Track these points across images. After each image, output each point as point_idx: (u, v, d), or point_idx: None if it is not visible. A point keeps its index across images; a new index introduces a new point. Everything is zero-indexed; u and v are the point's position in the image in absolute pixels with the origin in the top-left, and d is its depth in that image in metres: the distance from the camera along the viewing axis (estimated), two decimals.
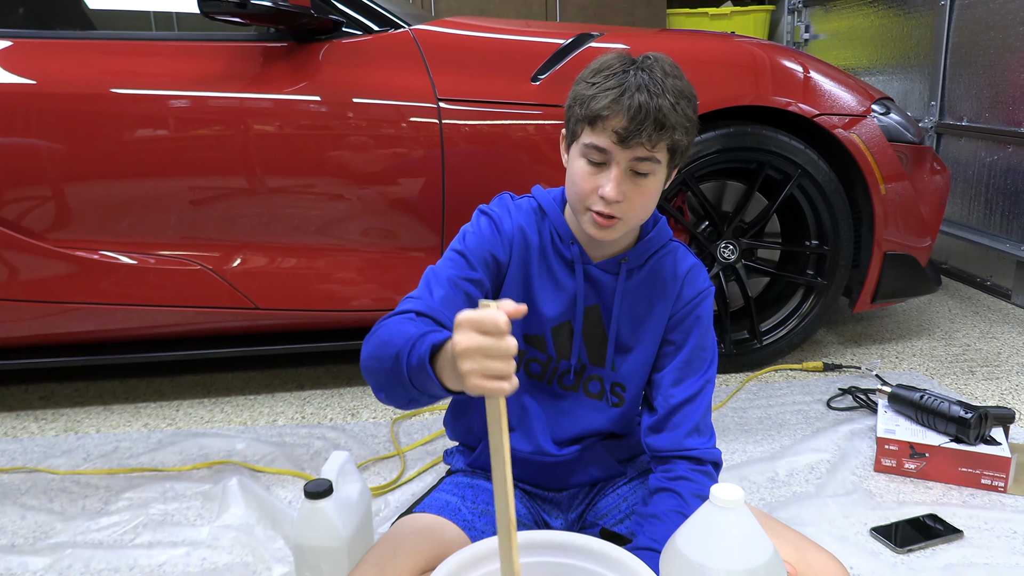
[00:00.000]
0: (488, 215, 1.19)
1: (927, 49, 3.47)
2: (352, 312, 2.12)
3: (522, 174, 2.05)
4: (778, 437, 1.96)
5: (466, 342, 0.79)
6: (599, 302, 1.20)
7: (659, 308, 1.21)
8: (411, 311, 1.05)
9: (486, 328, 0.78)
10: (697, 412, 1.20)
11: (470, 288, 1.13)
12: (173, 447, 1.92)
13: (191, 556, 1.50)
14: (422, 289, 1.12)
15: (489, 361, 0.79)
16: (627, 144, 1.04)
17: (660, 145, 1.05)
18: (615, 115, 1.04)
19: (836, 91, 2.25)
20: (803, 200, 2.30)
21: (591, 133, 1.07)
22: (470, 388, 0.80)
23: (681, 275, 1.22)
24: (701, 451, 1.19)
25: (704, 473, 1.18)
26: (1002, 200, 3.08)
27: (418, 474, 1.80)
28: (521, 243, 1.18)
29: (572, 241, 1.18)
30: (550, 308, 1.19)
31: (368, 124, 2.00)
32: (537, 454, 1.24)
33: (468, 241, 1.17)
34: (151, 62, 1.98)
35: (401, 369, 0.92)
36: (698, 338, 1.21)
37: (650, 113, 1.02)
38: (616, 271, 1.19)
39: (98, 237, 2.00)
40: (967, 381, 2.30)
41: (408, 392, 0.94)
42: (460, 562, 0.94)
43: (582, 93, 1.08)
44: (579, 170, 1.09)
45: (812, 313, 2.39)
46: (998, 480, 1.70)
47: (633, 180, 1.07)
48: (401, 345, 0.93)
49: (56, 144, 1.92)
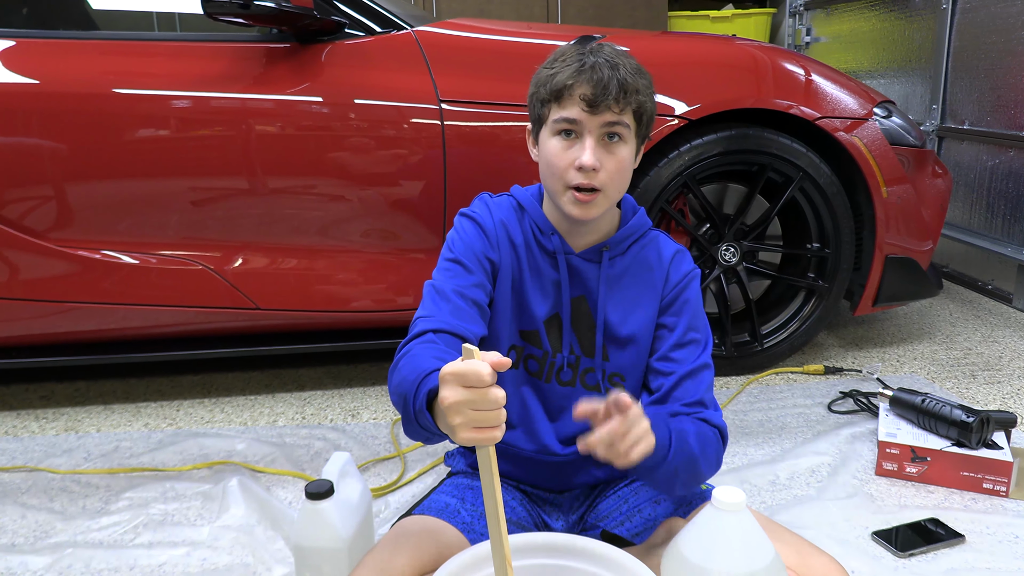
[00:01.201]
0: (470, 217, 1.22)
1: (928, 53, 3.48)
2: (353, 313, 2.12)
3: (523, 175, 2.05)
4: (779, 440, 1.96)
5: (453, 396, 0.80)
6: (584, 292, 1.21)
7: (647, 294, 1.22)
8: (428, 331, 1.06)
9: (470, 382, 0.80)
10: (699, 387, 1.18)
11: (474, 293, 1.14)
12: (173, 447, 1.92)
13: (191, 556, 1.50)
14: (429, 306, 1.12)
15: (477, 413, 0.80)
16: (596, 109, 1.08)
17: (627, 109, 1.10)
18: (580, 84, 1.08)
19: (838, 94, 2.25)
20: (804, 203, 2.30)
21: (559, 108, 1.10)
22: (461, 441, 0.82)
23: (666, 260, 1.23)
24: (707, 414, 1.16)
25: (709, 427, 1.15)
26: (1003, 204, 3.08)
27: (418, 475, 1.80)
28: (507, 240, 1.20)
29: (552, 232, 1.20)
30: (540, 302, 1.21)
31: (370, 125, 2.00)
32: (541, 453, 1.24)
33: (457, 247, 1.18)
34: (154, 62, 1.98)
35: (409, 410, 0.93)
36: (689, 319, 1.22)
37: (613, 78, 1.07)
38: (598, 259, 1.20)
39: (100, 237, 2.00)
40: (968, 385, 2.30)
41: (420, 431, 0.95)
42: (459, 565, 0.94)
43: (543, 75, 1.13)
44: (552, 149, 1.12)
45: (813, 316, 2.39)
46: (1000, 484, 1.70)
47: (606, 148, 1.11)
48: (408, 389, 0.94)
49: (59, 144, 1.92)
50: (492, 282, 1.19)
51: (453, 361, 0.82)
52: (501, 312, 1.20)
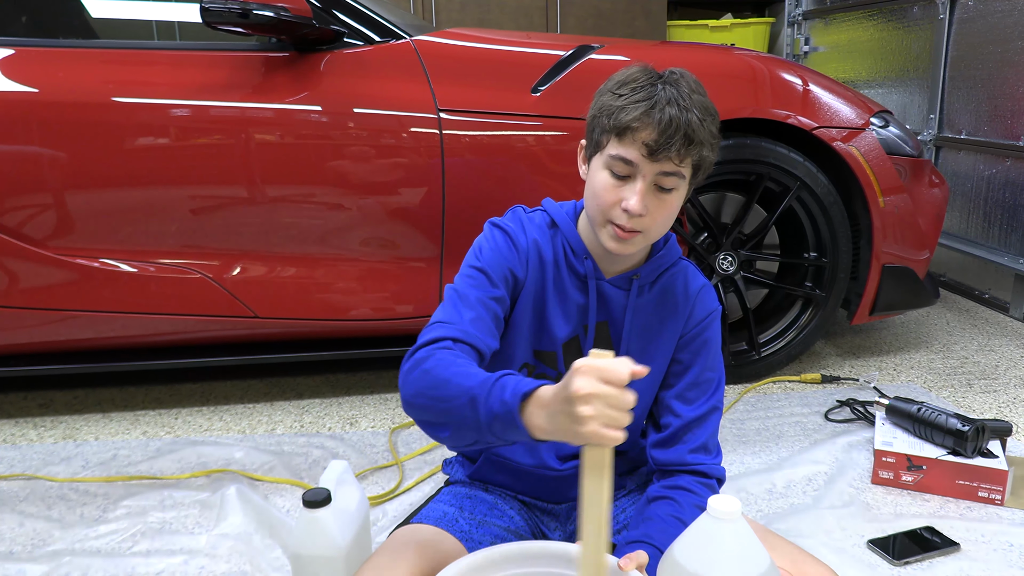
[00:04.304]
0: (504, 229, 1.18)
1: (926, 62, 3.49)
2: (352, 322, 2.13)
3: (522, 185, 2.06)
4: (776, 449, 1.97)
5: (589, 388, 0.80)
6: (608, 318, 1.20)
7: (669, 326, 1.21)
8: (447, 338, 1.04)
9: (610, 378, 0.80)
10: (705, 432, 1.20)
11: (495, 307, 1.12)
12: (171, 455, 1.92)
13: (189, 564, 1.50)
14: (450, 311, 1.09)
15: (609, 410, 0.80)
16: (656, 158, 1.04)
17: (687, 160, 1.05)
18: (645, 127, 1.03)
19: (835, 104, 2.26)
20: (802, 212, 2.31)
21: (618, 145, 1.06)
22: (587, 434, 0.81)
23: (692, 295, 1.22)
24: (707, 466, 1.19)
25: (707, 486, 1.19)
26: (1000, 213, 3.09)
27: (416, 484, 1.80)
28: (536, 259, 1.17)
29: (586, 256, 1.18)
30: (562, 324, 1.19)
31: (369, 134, 2.01)
32: (540, 468, 1.24)
33: (485, 256, 1.15)
34: (153, 71, 1.99)
35: (477, 414, 0.91)
36: (706, 359, 1.21)
37: (680, 127, 1.02)
38: (628, 287, 1.19)
39: (99, 245, 2.01)
40: (965, 394, 2.30)
41: (479, 435, 0.93)
42: (457, 573, 0.94)
43: (609, 104, 1.07)
44: (602, 182, 1.08)
45: (810, 325, 2.39)
46: (995, 493, 1.70)
47: (656, 195, 1.07)
48: (474, 388, 0.91)
49: (58, 152, 1.93)
50: (513, 298, 1.17)
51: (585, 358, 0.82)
52: (518, 329, 1.18)
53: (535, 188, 2.06)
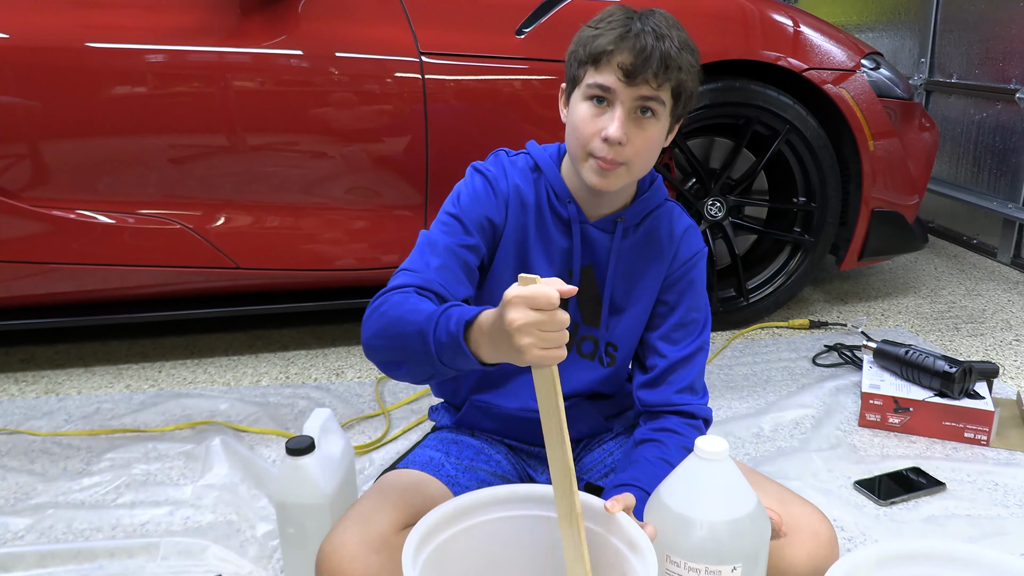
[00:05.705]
0: (483, 174, 1.16)
1: (917, 5, 3.44)
2: (336, 272, 2.10)
3: (507, 129, 2.02)
4: (764, 393, 1.97)
5: (523, 319, 0.80)
6: (593, 262, 1.19)
7: (654, 268, 1.20)
8: (408, 286, 1.03)
9: (539, 304, 0.80)
10: (691, 372, 1.20)
11: (467, 255, 1.11)
12: (155, 408, 1.91)
13: (174, 515, 1.49)
14: (416, 259, 1.09)
15: (545, 334, 0.81)
16: (633, 81, 1.02)
17: (665, 85, 1.04)
18: (621, 51, 1.02)
19: (826, 45, 2.22)
20: (791, 157, 2.28)
21: (595, 72, 1.04)
22: (529, 360, 0.82)
23: (677, 236, 1.20)
24: (694, 406, 1.19)
25: (694, 427, 1.18)
26: (990, 158, 3.07)
27: (403, 432, 1.79)
28: (517, 203, 1.15)
29: (569, 199, 1.16)
30: (545, 269, 1.17)
31: (349, 79, 1.95)
32: (524, 411, 1.23)
33: (462, 202, 1.14)
34: (127, 14, 1.92)
35: (427, 346, 0.91)
36: (692, 300, 1.21)
37: (656, 50, 1.01)
38: (612, 230, 1.17)
39: (75, 196, 1.96)
40: (952, 337, 2.30)
41: (433, 367, 0.93)
42: (441, 516, 0.94)
43: (585, 36, 1.07)
44: (581, 114, 1.07)
45: (799, 271, 2.38)
46: (981, 434, 1.71)
47: (636, 122, 1.05)
48: (422, 322, 0.92)
49: (31, 100, 1.87)
50: (492, 245, 1.16)
51: (514, 285, 0.82)
52: (500, 275, 1.17)
53: (520, 132, 2.02)
